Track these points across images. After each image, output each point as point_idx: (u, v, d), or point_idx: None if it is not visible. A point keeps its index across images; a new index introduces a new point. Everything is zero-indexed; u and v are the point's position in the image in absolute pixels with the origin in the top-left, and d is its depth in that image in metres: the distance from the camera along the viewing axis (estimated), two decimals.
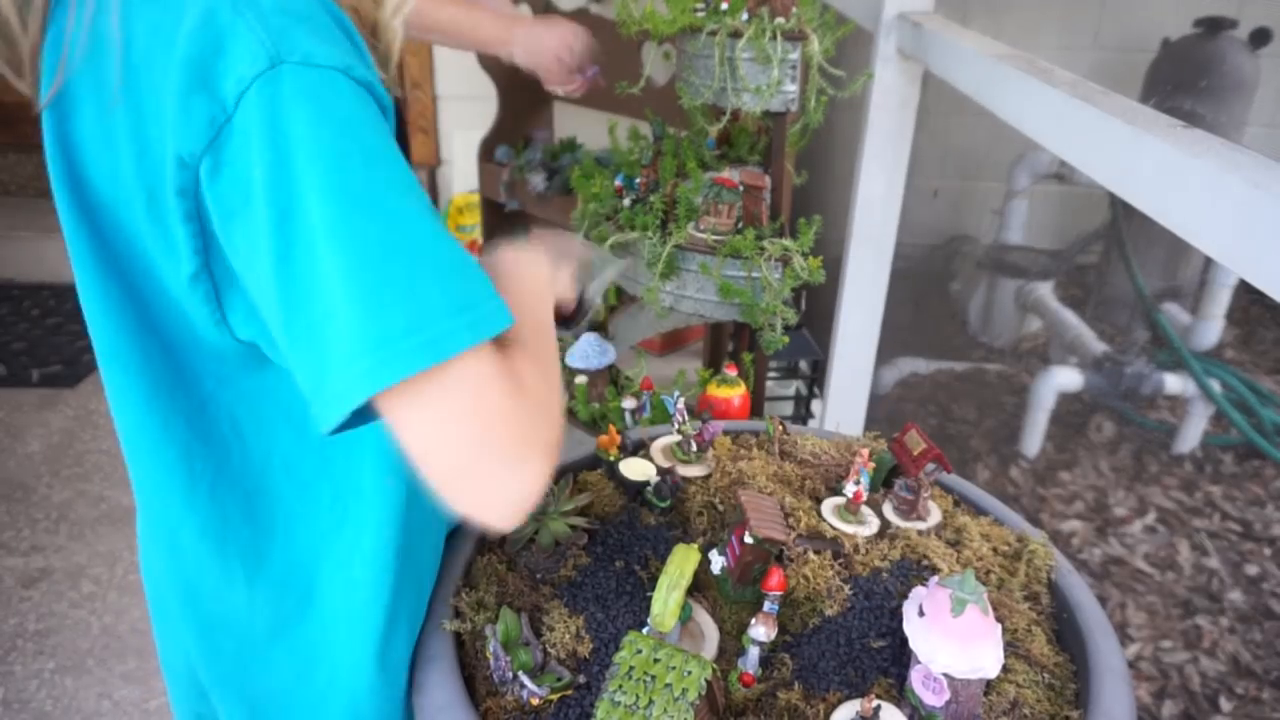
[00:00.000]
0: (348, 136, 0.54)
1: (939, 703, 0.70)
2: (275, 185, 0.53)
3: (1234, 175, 0.68)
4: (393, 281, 0.53)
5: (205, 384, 0.67)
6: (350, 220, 0.53)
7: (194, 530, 0.71)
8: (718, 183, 1.32)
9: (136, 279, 0.62)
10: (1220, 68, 2.30)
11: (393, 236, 0.54)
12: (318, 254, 0.53)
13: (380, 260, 0.53)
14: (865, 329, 1.63)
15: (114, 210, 0.60)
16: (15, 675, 1.86)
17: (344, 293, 0.52)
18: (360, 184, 0.54)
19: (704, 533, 0.95)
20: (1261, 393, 2.40)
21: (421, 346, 0.53)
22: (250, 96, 0.52)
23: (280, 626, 0.75)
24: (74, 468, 2.48)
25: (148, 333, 0.65)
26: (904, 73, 1.43)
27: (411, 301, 0.53)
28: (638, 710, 0.66)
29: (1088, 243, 2.74)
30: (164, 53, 0.55)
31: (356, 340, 0.52)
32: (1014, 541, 0.92)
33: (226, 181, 0.54)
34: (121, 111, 0.57)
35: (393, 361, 0.52)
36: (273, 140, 0.52)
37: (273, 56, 0.53)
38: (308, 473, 0.72)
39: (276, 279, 0.54)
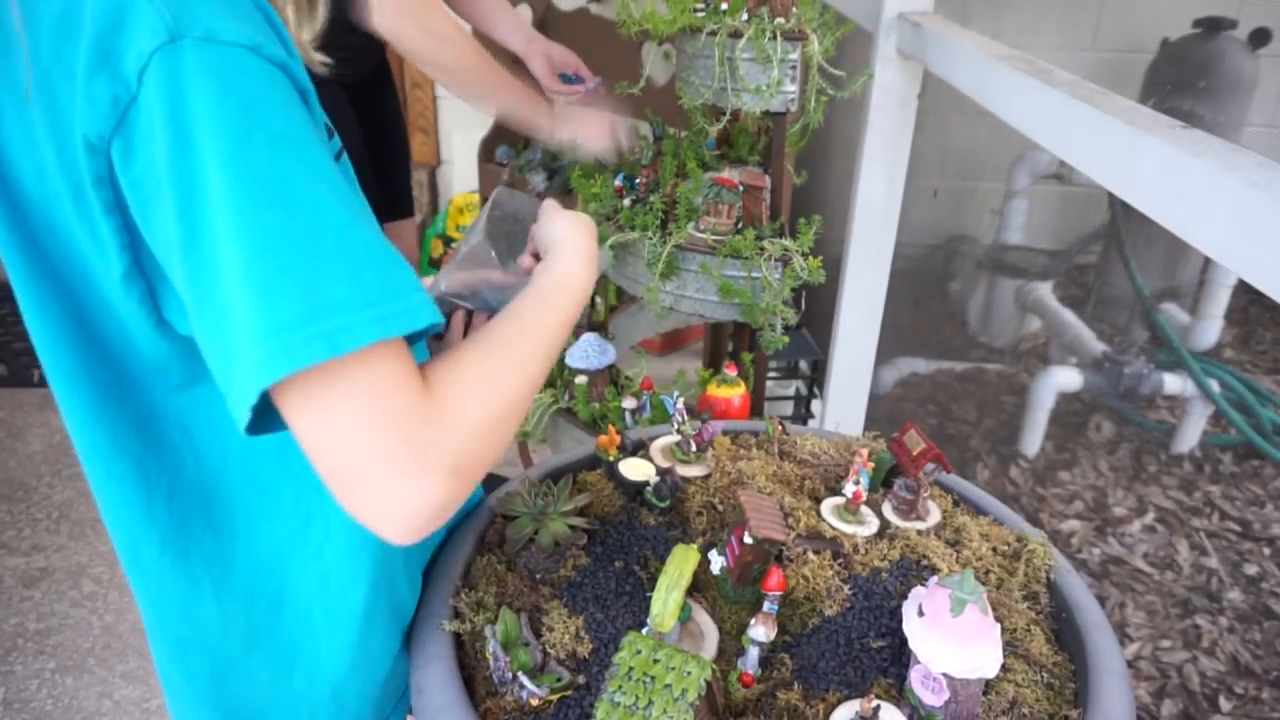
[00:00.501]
0: (251, 116, 0.52)
1: (938, 702, 0.70)
2: (177, 166, 0.50)
3: (1233, 175, 0.69)
4: (291, 269, 0.50)
5: (151, 392, 0.65)
6: (249, 203, 0.50)
7: (155, 545, 0.69)
8: (718, 183, 1.32)
9: (73, 286, 0.60)
10: (1219, 68, 2.30)
11: (294, 222, 0.51)
12: (218, 239, 0.50)
13: (279, 246, 0.50)
14: (865, 329, 1.64)
15: (44, 213, 0.58)
16: (16, 675, 1.87)
17: (241, 279, 0.50)
18: (262, 166, 0.51)
19: (704, 533, 0.95)
20: (1260, 393, 2.41)
21: (316, 338, 0.49)
22: (150, 72, 0.50)
23: (254, 636, 0.74)
24: (75, 467, 2.48)
25: (88, 343, 0.62)
26: (904, 73, 1.43)
27: (310, 291, 0.50)
28: (637, 711, 0.66)
29: (1087, 243, 2.74)
30: (71, 39, 0.53)
31: (251, 330, 0.49)
32: (1013, 541, 0.92)
33: (138, 164, 0.52)
34: (37, 107, 0.55)
35: (284, 353, 0.49)
36: (173, 118, 0.50)
37: (172, 30, 0.50)
38: (266, 473, 0.70)
39: (184, 267, 0.52)
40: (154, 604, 0.73)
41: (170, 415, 0.66)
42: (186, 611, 0.72)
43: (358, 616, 0.76)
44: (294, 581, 0.74)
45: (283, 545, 0.73)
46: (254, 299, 0.50)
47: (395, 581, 0.81)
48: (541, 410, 1.42)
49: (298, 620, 0.74)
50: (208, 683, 0.76)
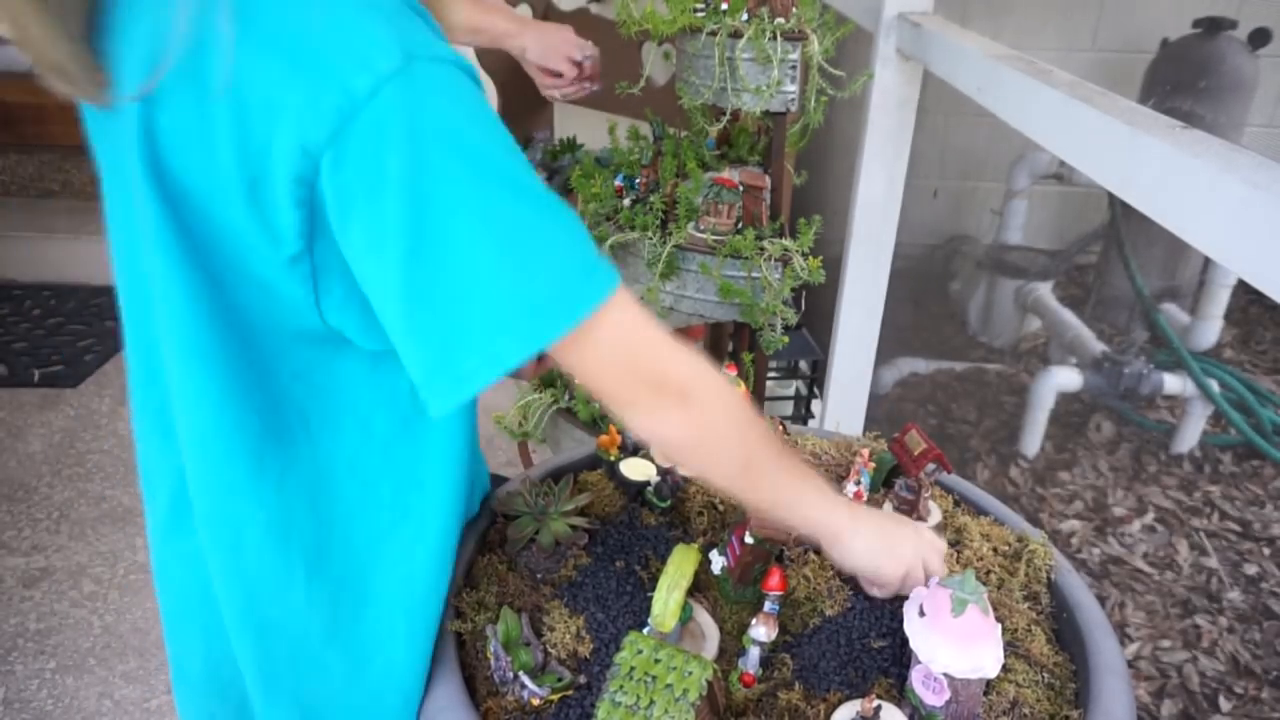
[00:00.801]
0: (477, 122, 0.58)
1: (939, 702, 0.70)
2: (413, 173, 0.55)
3: (1233, 175, 0.69)
4: (536, 254, 0.58)
5: (279, 377, 0.68)
6: (493, 202, 0.57)
7: (259, 526, 0.71)
8: (718, 183, 1.32)
9: (222, 269, 0.63)
10: (1219, 68, 2.30)
11: (529, 213, 0.59)
12: (459, 237, 0.56)
13: (523, 236, 0.58)
14: (865, 329, 1.64)
15: (205, 200, 0.61)
16: (16, 675, 1.87)
17: (492, 269, 0.57)
18: (495, 166, 0.58)
19: (704, 533, 0.95)
20: (1260, 393, 2.41)
21: (566, 309, 0.59)
22: (387, 90, 0.55)
23: (335, 628, 0.76)
24: (75, 467, 2.48)
25: (229, 325, 0.65)
26: (904, 73, 1.43)
27: (553, 270, 0.59)
28: (638, 710, 0.66)
29: (1087, 243, 2.74)
30: (280, 48, 0.56)
31: (505, 310, 0.57)
32: (1014, 541, 0.92)
33: (351, 172, 0.56)
34: (223, 104, 0.57)
35: (546, 325, 0.58)
36: (411, 131, 0.55)
37: (406, 53, 0.55)
38: (371, 469, 0.74)
39: (406, 263, 0.57)
40: (247, 584, 0.74)
41: (293, 403, 0.70)
42: (278, 594, 0.74)
43: (437, 619, 0.78)
44: (381, 580, 0.76)
45: (376, 540, 0.75)
46: (510, 282, 0.57)
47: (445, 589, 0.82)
48: (542, 410, 1.42)
49: (379, 618, 0.76)
50: (286, 668, 0.76)
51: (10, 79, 3.53)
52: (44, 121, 3.46)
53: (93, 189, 3.62)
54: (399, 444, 0.74)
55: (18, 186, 3.66)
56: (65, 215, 3.49)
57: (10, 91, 3.44)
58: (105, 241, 0.75)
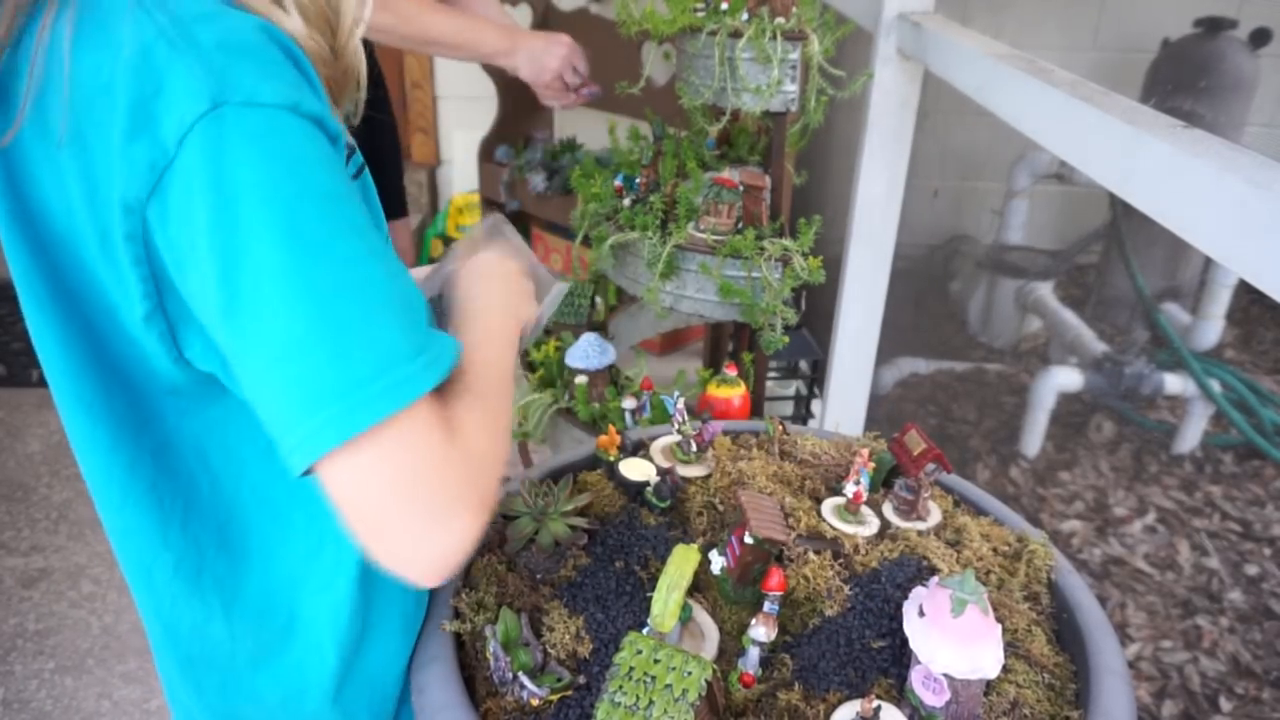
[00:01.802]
0: (295, 178, 0.53)
1: (939, 703, 0.70)
2: (220, 231, 0.51)
3: (1234, 175, 0.69)
4: (351, 328, 0.52)
5: (167, 419, 0.65)
6: (303, 265, 0.52)
7: (168, 568, 0.70)
8: (718, 183, 1.32)
9: (93, 317, 0.61)
10: (1220, 68, 2.30)
11: (348, 280, 0.53)
12: (268, 301, 0.51)
13: (337, 306, 0.52)
14: (865, 329, 1.63)
15: (69, 248, 0.58)
16: (15, 675, 1.87)
17: (301, 339, 0.51)
18: (310, 227, 0.52)
19: (704, 533, 0.95)
20: (1261, 393, 2.41)
21: (385, 392, 0.52)
22: (192, 139, 0.51)
23: (262, 656, 0.74)
24: (74, 467, 2.47)
25: (107, 371, 0.63)
26: (904, 73, 1.43)
27: (373, 347, 0.52)
28: (638, 711, 0.66)
29: (1088, 243, 2.74)
30: (105, 93, 0.53)
31: (320, 387, 0.51)
32: (1014, 542, 0.92)
33: (175, 227, 0.53)
34: (69, 153, 0.55)
35: (359, 409, 0.51)
36: (216, 185, 0.51)
37: (214, 97, 0.51)
38: (280, 498, 0.70)
39: (228, 328, 0.53)
40: (164, 622, 0.73)
41: (186, 440, 0.67)
42: (196, 629, 0.72)
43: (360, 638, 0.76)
44: (305, 606, 0.74)
45: (295, 570, 0.73)
46: (320, 357, 0.51)
47: (406, 603, 0.81)
48: (541, 410, 1.42)
49: (309, 645, 0.74)
50: (217, 698, 0.75)
51: None
52: None
53: None
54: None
55: None
56: None
57: None
58: None
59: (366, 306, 0.53)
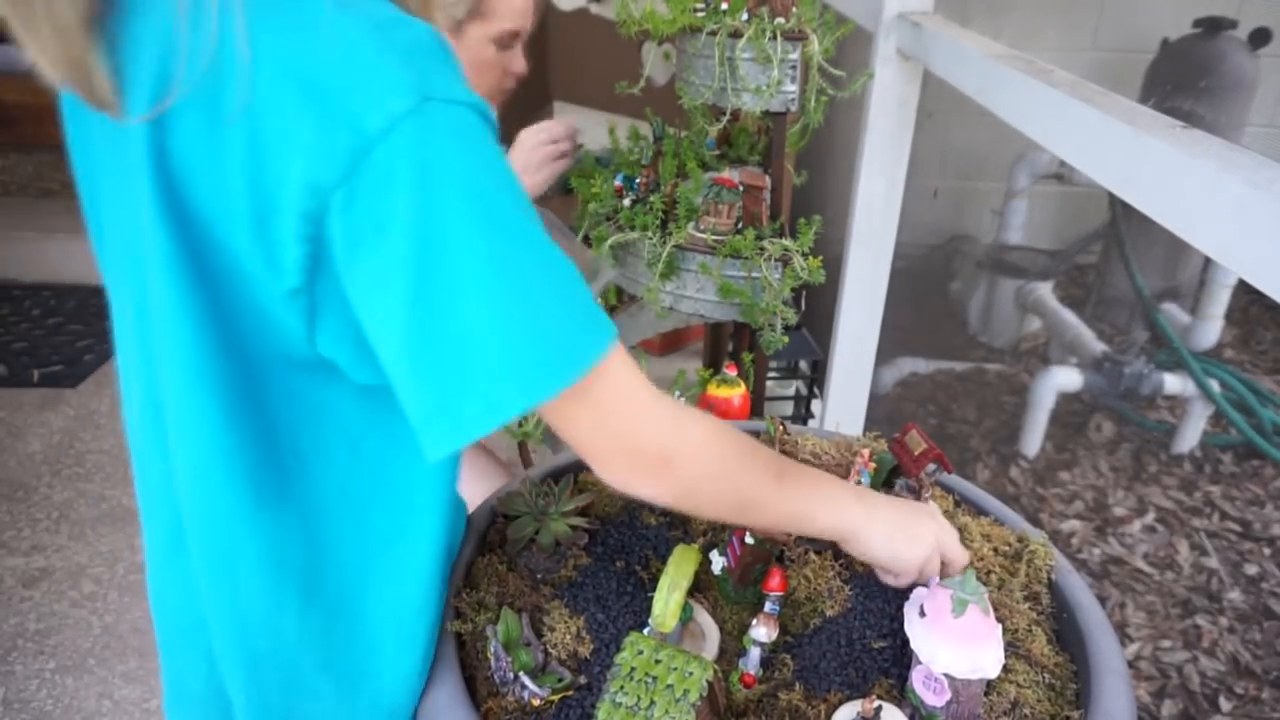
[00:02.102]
0: (489, 168, 0.58)
1: (940, 703, 0.70)
2: (422, 215, 0.55)
3: (1233, 175, 0.69)
4: (540, 306, 0.58)
5: (275, 401, 0.67)
6: (500, 249, 0.57)
7: (254, 555, 0.70)
8: (718, 183, 1.32)
9: (225, 294, 0.62)
10: (1220, 68, 2.30)
11: (535, 264, 0.58)
12: (465, 282, 0.56)
13: (528, 287, 0.58)
14: (865, 329, 1.64)
15: (212, 224, 0.60)
16: (16, 675, 1.87)
17: (502, 313, 0.56)
18: (504, 214, 0.57)
19: (704, 533, 0.95)
20: (1261, 393, 2.41)
21: (568, 363, 0.58)
22: (400, 131, 0.54)
23: (328, 656, 0.75)
24: (75, 467, 2.48)
25: (230, 351, 0.64)
26: (904, 73, 1.43)
27: (556, 323, 0.58)
28: (639, 711, 0.66)
29: (1087, 243, 2.74)
30: (299, 80, 0.56)
31: (508, 360, 0.56)
32: (1014, 542, 0.92)
33: (362, 211, 0.55)
34: (238, 131, 0.57)
35: (549, 378, 0.58)
36: (422, 173, 0.55)
37: (421, 94, 0.55)
38: (362, 491, 0.73)
39: (411, 306, 0.56)
40: (238, 614, 0.73)
41: (287, 424, 0.69)
42: (269, 623, 0.73)
43: (425, 641, 0.78)
44: (371, 603, 0.75)
45: (366, 563, 0.74)
46: (513, 332, 0.56)
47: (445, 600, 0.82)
48: None
49: (370, 642, 0.76)
50: (278, 698, 0.76)
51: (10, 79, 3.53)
52: (44, 121, 3.45)
53: None
54: (390, 466, 0.73)
55: (18, 186, 3.66)
56: (65, 215, 3.48)
57: (10, 91, 3.44)
58: None
59: (553, 286, 0.59)
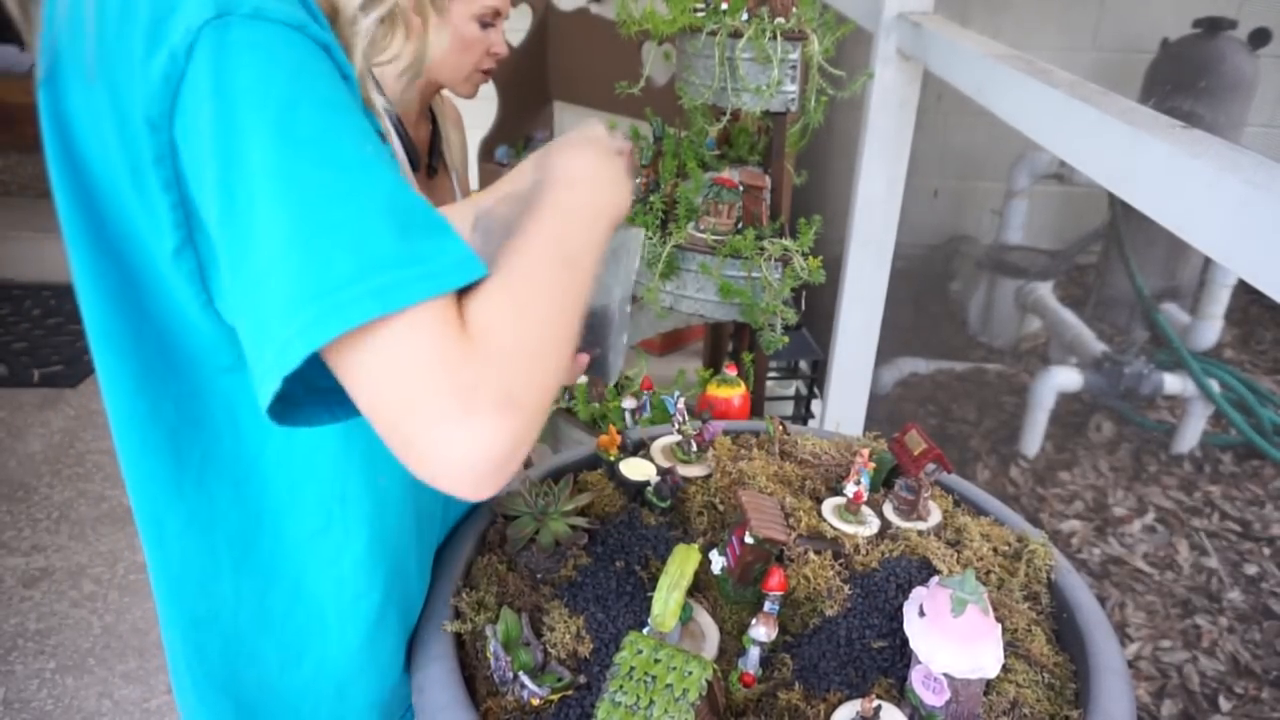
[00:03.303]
0: (296, 83, 0.53)
1: (939, 702, 0.70)
2: (219, 133, 0.51)
3: (1233, 175, 0.69)
4: (339, 228, 0.51)
5: (199, 370, 0.65)
6: (295, 166, 0.51)
7: (181, 519, 0.70)
8: (718, 183, 1.32)
9: (130, 259, 0.61)
10: (1219, 68, 2.30)
11: (342, 183, 0.52)
12: (259, 202, 0.51)
13: (326, 206, 0.51)
14: (865, 329, 1.64)
15: (105, 187, 0.59)
16: (16, 675, 1.87)
17: (287, 241, 0.50)
18: (308, 130, 0.52)
19: (704, 533, 0.95)
20: (1260, 392, 2.41)
21: (367, 295, 0.49)
22: (199, 46, 0.52)
23: (266, 620, 0.75)
24: (75, 467, 2.48)
25: (140, 315, 0.63)
26: (904, 73, 1.43)
27: (358, 249, 0.50)
28: (638, 710, 0.66)
29: (1087, 243, 2.74)
30: (130, 20, 0.55)
31: (300, 289, 0.49)
32: (1014, 541, 0.92)
33: (189, 139, 0.53)
34: (100, 86, 0.56)
35: (336, 310, 0.49)
36: (217, 86, 0.51)
37: (220, 7, 0.52)
38: (297, 471, 0.71)
39: (222, 232, 0.52)
40: (172, 578, 0.73)
41: (217, 394, 0.66)
42: (204, 587, 0.73)
43: (369, 622, 0.77)
44: (311, 578, 0.74)
45: (303, 543, 0.73)
46: (303, 258, 0.50)
47: (409, 591, 0.82)
48: None
49: (311, 614, 0.75)
50: (218, 660, 0.76)
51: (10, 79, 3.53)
52: None
53: None
54: (321, 455, 0.71)
55: (18, 186, 3.66)
56: None
57: (10, 91, 3.44)
58: None
59: (358, 212, 0.52)
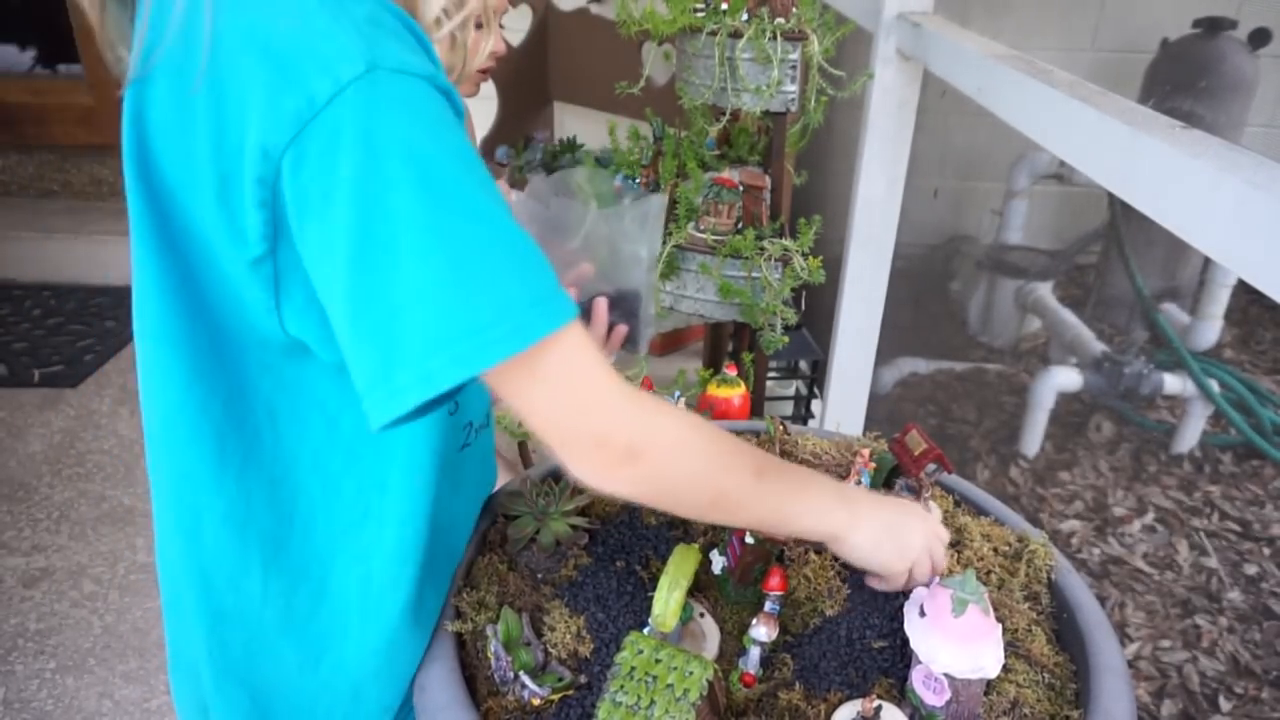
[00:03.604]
0: (436, 138, 0.58)
1: (940, 702, 0.70)
2: (363, 181, 0.55)
3: (1233, 175, 0.69)
4: (481, 276, 0.57)
5: (247, 369, 0.69)
6: (441, 217, 0.56)
7: (218, 514, 0.73)
8: (718, 183, 1.32)
9: (194, 260, 0.65)
10: (1219, 68, 2.30)
11: (479, 233, 0.58)
12: (403, 249, 0.55)
13: (469, 256, 0.57)
14: (865, 329, 1.64)
15: (181, 192, 0.63)
16: (16, 675, 1.87)
17: (432, 284, 0.55)
18: (449, 182, 0.57)
19: (704, 533, 0.95)
20: (1260, 393, 2.41)
21: (507, 336, 0.56)
22: (346, 97, 0.55)
23: (291, 619, 0.77)
24: (75, 467, 2.49)
25: (197, 313, 0.67)
26: (904, 73, 1.43)
27: (497, 294, 0.57)
28: (639, 710, 0.66)
29: (1087, 243, 2.74)
30: (256, 49, 0.58)
31: (442, 329, 0.56)
32: (1014, 541, 0.92)
33: (309, 175, 0.57)
34: (203, 99, 0.60)
35: (483, 349, 0.56)
36: (365, 139, 0.55)
37: (370, 62, 0.56)
38: (335, 466, 0.74)
39: (351, 271, 0.56)
40: (203, 571, 0.75)
41: (259, 395, 0.71)
42: (233, 582, 0.75)
43: (392, 621, 0.78)
44: (339, 576, 0.77)
45: (335, 538, 0.76)
46: (447, 302, 0.56)
47: (430, 596, 0.82)
48: None
49: (335, 614, 0.77)
50: (240, 655, 0.78)
51: (10, 79, 3.53)
52: (44, 121, 3.46)
53: (92, 189, 3.63)
54: (365, 445, 0.74)
55: (18, 186, 3.66)
56: (65, 215, 3.49)
57: (10, 91, 3.44)
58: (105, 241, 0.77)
59: (495, 259, 0.58)
